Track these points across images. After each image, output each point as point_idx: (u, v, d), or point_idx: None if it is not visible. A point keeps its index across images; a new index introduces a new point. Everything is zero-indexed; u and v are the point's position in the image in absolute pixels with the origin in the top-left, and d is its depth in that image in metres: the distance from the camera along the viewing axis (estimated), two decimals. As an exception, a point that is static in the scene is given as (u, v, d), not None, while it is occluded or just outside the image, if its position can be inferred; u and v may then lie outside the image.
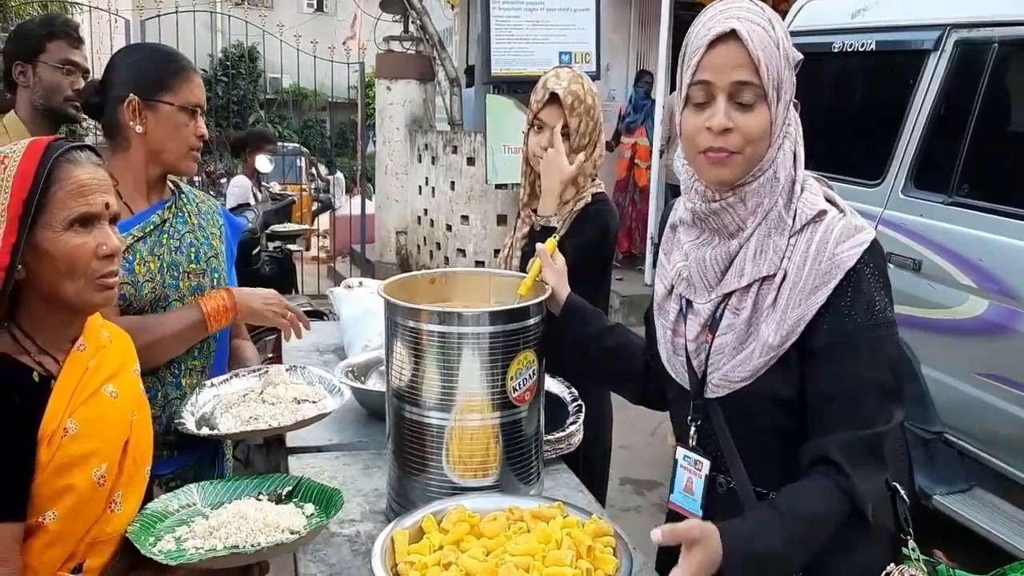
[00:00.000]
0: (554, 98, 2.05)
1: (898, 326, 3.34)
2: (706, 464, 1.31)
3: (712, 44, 1.18)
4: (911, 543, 1.30)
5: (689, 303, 1.32)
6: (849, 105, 3.89)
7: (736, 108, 1.18)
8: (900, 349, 1.22)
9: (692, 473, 1.33)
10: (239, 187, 5.48)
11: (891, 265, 3.22)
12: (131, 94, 1.69)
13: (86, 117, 2.05)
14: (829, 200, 1.25)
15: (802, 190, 1.24)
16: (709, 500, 1.32)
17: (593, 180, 2.11)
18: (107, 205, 1.27)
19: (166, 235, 1.76)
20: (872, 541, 1.29)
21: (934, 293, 3.08)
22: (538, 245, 1.64)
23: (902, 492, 1.34)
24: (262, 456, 3.47)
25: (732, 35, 1.16)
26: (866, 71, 3.72)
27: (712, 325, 1.27)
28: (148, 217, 1.74)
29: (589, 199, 2.07)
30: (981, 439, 3.01)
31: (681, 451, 1.35)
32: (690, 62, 1.21)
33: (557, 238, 1.66)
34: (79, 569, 1.26)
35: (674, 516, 1.37)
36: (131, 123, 1.69)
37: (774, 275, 1.21)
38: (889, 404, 1.19)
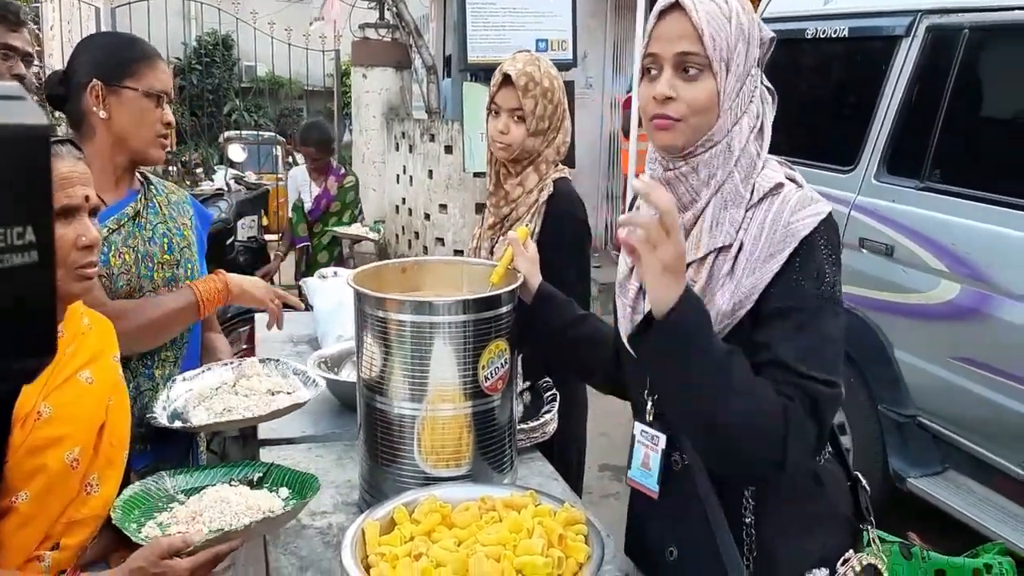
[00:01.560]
0: (508, 80, 2.02)
1: (872, 311, 3.35)
2: (663, 439, 1.30)
3: (660, 16, 1.22)
4: (871, 532, 1.31)
5: None
6: (822, 91, 3.90)
7: (681, 78, 1.21)
8: (843, 333, 1.20)
9: (649, 448, 1.33)
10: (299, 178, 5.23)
11: (863, 250, 3.26)
12: (94, 79, 1.67)
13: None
14: (790, 178, 1.26)
15: (763, 166, 1.25)
16: (665, 477, 1.32)
17: (556, 166, 2.09)
18: (87, 198, 1.32)
19: (139, 226, 1.74)
20: (832, 527, 1.29)
21: (907, 278, 3.11)
22: (510, 233, 1.63)
23: (863, 482, 1.35)
24: (238, 448, 3.44)
25: (677, 6, 1.20)
26: (839, 57, 3.74)
27: None
28: (122, 208, 1.73)
29: (552, 188, 2.04)
30: (954, 422, 3.05)
31: (639, 426, 1.35)
32: (646, 35, 1.26)
33: (529, 227, 1.65)
34: (56, 547, 1.28)
35: (637, 493, 1.37)
36: (95, 109, 1.67)
37: (730, 246, 1.21)
38: (839, 366, 1.19)
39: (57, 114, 1.95)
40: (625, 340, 1.36)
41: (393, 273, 1.66)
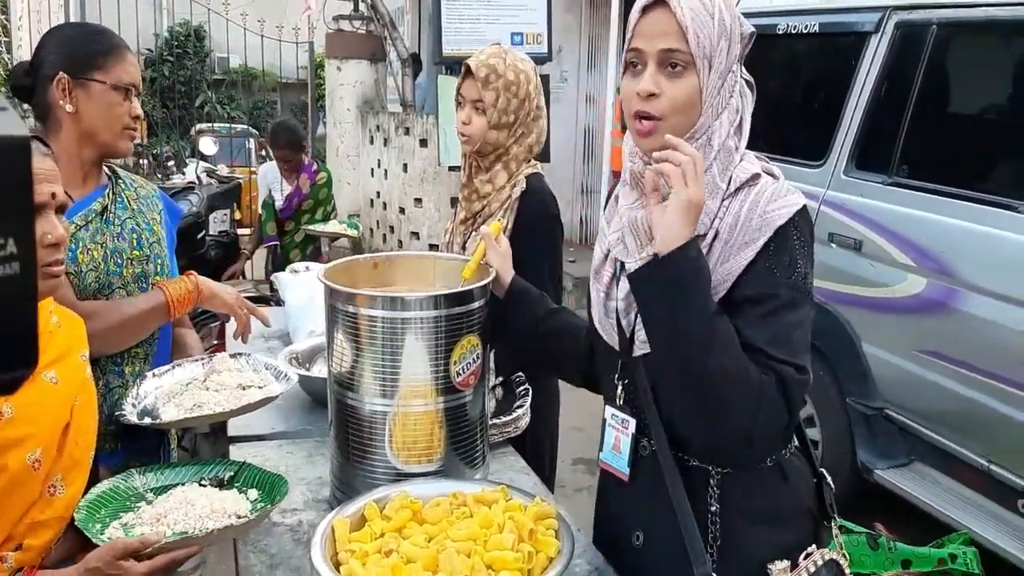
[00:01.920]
0: (470, 71, 2.01)
1: (841, 305, 3.38)
2: (632, 423, 1.33)
3: (644, 11, 1.23)
4: (835, 529, 1.33)
5: (623, 266, 1.33)
6: (793, 87, 3.94)
7: (665, 75, 1.22)
8: (810, 323, 1.23)
9: (620, 431, 1.35)
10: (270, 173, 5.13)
11: (833, 244, 3.30)
12: (61, 72, 1.64)
13: None
14: (767, 171, 1.28)
15: (740, 159, 1.27)
16: (633, 462, 1.34)
17: (528, 162, 2.09)
18: (53, 195, 1.29)
19: (107, 222, 1.72)
20: (795, 521, 1.31)
21: (874, 272, 3.15)
22: (482, 228, 1.63)
23: (828, 478, 1.37)
24: (209, 445, 3.41)
25: (661, 2, 1.20)
26: (809, 53, 3.77)
27: None
28: (89, 204, 1.70)
29: (524, 185, 2.04)
30: (921, 414, 3.09)
31: (609, 410, 1.37)
32: (629, 29, 1.25)
33: (501, 221, 1.65)
34: (19, 548, 1.26)
35: (605, 475, 1.40)
36: (61, 102, 1.64)
37: (705, 234, 1.23)
38: (807, 354, 1.22)
39: (24, 106, 1.91)
40: (598, 325, 1.37)
41: (364, 268, 1.65)
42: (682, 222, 1.15)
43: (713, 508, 1.27)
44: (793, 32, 3.69)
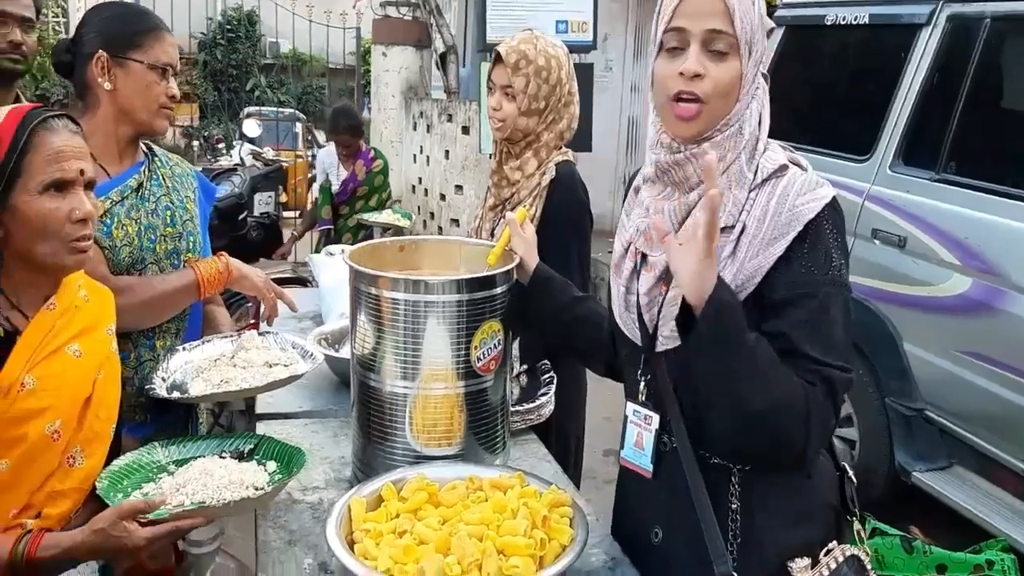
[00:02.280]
0: (500, 57, 2.00)
1: (882, 302, 3.32)
2: (655, 418, 1.31)
3: None
4: (856, 524, 1.30)
5: (644, 259, 1.31)
6: (840, 79, 3.85)
7: (708, 57, 1.19)
8: (850, 316, 1.21)
9: (642, 428, 1.33)
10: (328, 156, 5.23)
11: (876, 241, 3.23)
12: (100, 51, 1.67)
13: (26, 71, 2.01)
14: (793, 161, 1.25)
15: (765, 148, 1.25)
16: (656, 458, 1.32)
17: (559, 149, 2.07)
18: (82, 171, 1.32)
19: (142, 198, 1.75)
20: (817, 517, 1.29)
21: (918, 270, 3.08)
22: (508, 214, 1.62)
23: (850, 473, 1.35)
24: (244, 422, 3.48)
25: None
26: (858, 45, 3.68)
27: (666, 276, 1.27)
28: (125, 180, 1.73)
29: (554, 172, 2.02)
30: (962, 417, 3.02)
31: (631, 406, 1.35)
32: (666, 9, 1.21)
33: (527, 208, 1.64)
34: (39, 516, 1.30)
35: (627, 473, 1.38)
36: (100, 80, 1.68)
37: (732, 226, 1.21)
38: (850, 349, 1.20)
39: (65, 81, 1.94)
40: (619, 320, 1.36)
41: (391, 252, 1.66)
42: (711, 264, 1.12)
43: (734, 506, 1.25)
44: (842, 23, 3.60)
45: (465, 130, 6.61)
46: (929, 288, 3.04)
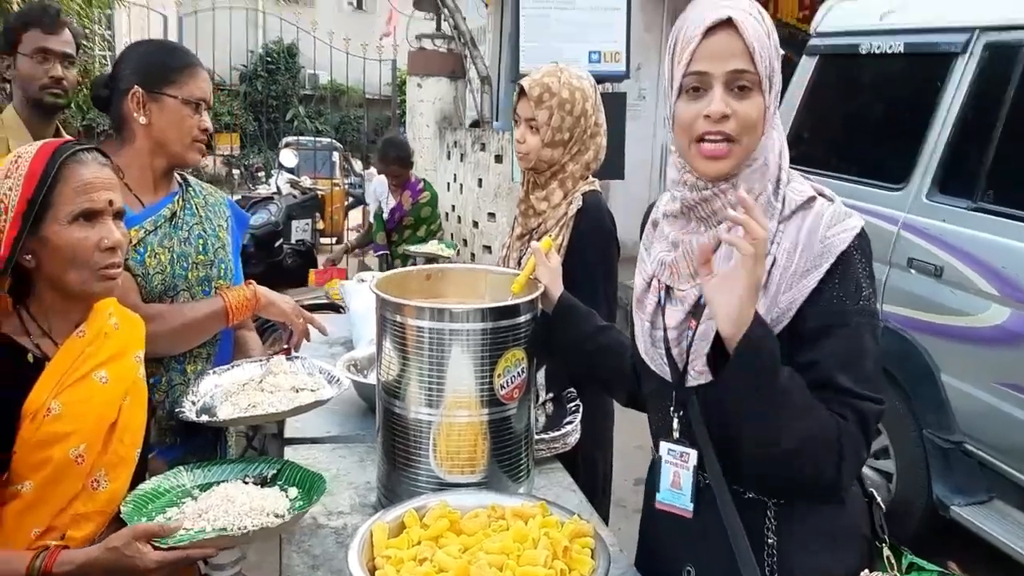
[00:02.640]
0: (524, 91, 2.02)
1: (918, 332, 3.27)
2: (692, 455, 1.28)
3: (707, 33, 1.18)
4: (886, 551, 1.28)
5: (668, 293, 1.31)
6: (875, 107, 3.82)
7: (732, 96, 1.19)
8: (881, 346, 1.20)
9: (679, 467, 1.30)
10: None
11: (912, 270, 3.18)
12: (136, 86, 1.72)
13: (66, 105, 2.05)
14: (819, 192, 1.25)
15: (788, 179, 1.24)
16: (694, 496, 1.29)
17: (585, 179, 2.08)
18: (111, 202, 1.37)
19: (176, 227, 1.79)
20: (850, 545, 1.28)
21: (955, 300, 3.02)
22: (533, 243, 1.63)
23: (878, 499, 1.33)
24: (277, 445, 3.51)
25: (727, 24, 1.17)
26: (893, 74, 3.65)
27: (696, 311, 1.26)
28: (159, 210, 1.78)
29: (581, 202, 2.03)
30: (1002, 450, 2.94)
31: (664, 445, 1.32)
32: (683, 52, 1.20)
33: (552, 237, 1.65)
34: (63, 539, 1.32)
35: (661, 516, 1.34)
36: (135, 115, 1.73)
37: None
38: (880, 379, 1.19)
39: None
40: (645, 356, 1.35)
41: (417, 280, 1.68)
42: (750, 301, 1.11)
43: (770, 540, 1.24)
44: (876, 52, 3.58)
45: (498, 159, 6.67)
46: (967, 318, 2.98)
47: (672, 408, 1.32)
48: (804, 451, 1.13)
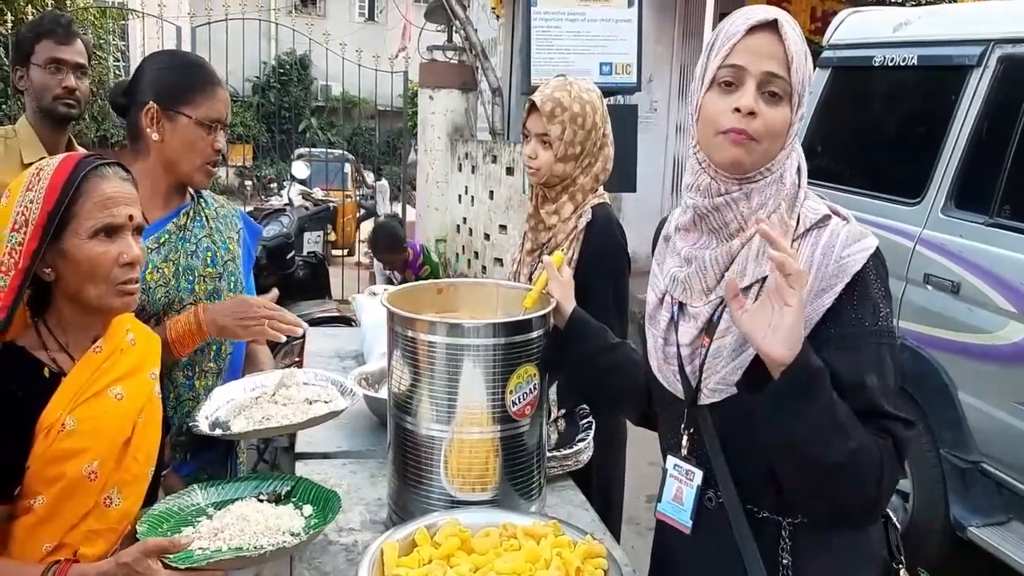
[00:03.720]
0: (535, 105, 2.02)
1: (935, 350, 3.23)
2: (698, 474, 1.28)
3: (751, 31, 1.18)
4: (903, 573, 1.26)
5: (681, 309, 1.29)
6: (889, 121, 3.80)
7: (763, 99, 1.18)
8: (900, 366, 1.19)
9: (683, 483, 1.30)
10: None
11: (928, 286, 3.15)
12: (151, 102, 1.71)
13: (79, 116, 2.02)
14: (833, 211, 1.24)
15: (805, 197, 1.24)
16: (697, 514, 1.29)
17: (594, 192, 2.07)
18: (131, 217, 1.37)
19: (183, 240, 1.78)
20: (866, 566, 1.26)
21: (973, 317, 2.98)
22: (545, 258, 1.62)
23: (894, 519, 1.31)
24: (288, 459, 3.51)
25: (772, 27, 1.18)
26: (907, 86, 3.63)
27: (709, 328, 1.25)
28: (162, 227, 1.75)
29: (590, 215, 2.02)
30: (1020, 470, 2.89)
31: (672, 460, 1.32)
32: (723, 46, 1.20)
33: (563, 252, 1.64)
34: (75, 555, 1.31)
35: (667, 529, 1.34)
36: (148, 130, 1.72)
37: None
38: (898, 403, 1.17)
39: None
40: (657, 373, 1.33)
41: (428, 294, 1.67)
42: (799, 330, 1.10)
43: (785, 560, 1.22)
44: (890, 65, 3.56)
45: (509, 171, 6.67)
46: (984, 336, 2.94)
47: (683, 425, 1.30)
48: (851, 467, 1.11)
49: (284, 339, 1.83)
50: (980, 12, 3.32)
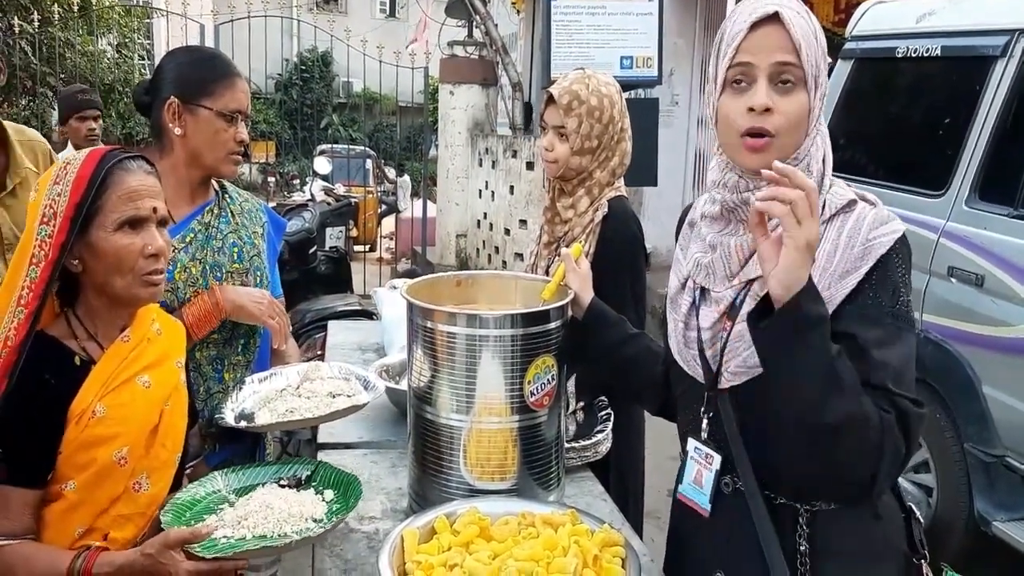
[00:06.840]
0: (553, 98, 2.02)
1: (959, 343, 3.22)
2: (717, 459, 1.29)
3: (754, 27, 1.18)
4: (925, 567, 1.25)
5: (704, 294, 1.30)
6: (913, 112, 3.76)
7: (776, 91, 1.18)
8: (915, 359, 1.18)
9: (703, 466, 1.31)
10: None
11: (952, 279, 3.12)
12: (172, 97, 1.74)
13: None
14: (860, 196, 1.24)
15: (831, 184, 1.24)
16: (715, 499, 1.30)
17: (611, 185, 2.07)
18: (155, 209, 1.40)
19: (209, 237, 1.81)
20: (886, 560, 1.26)
21: (997, 310, 2.95)
22: (563, 250, 1.63)
23: (917, 514, 1.30)
24: (311, 450, 3.54)
25: (774, 18, 1.17)
26: (931, 77, 3.59)
27: (732, 312, 1.25)
28: (188, 225, 1.78)
29: (606, 208, 2.02)
30: (1046, 464, 2.87)
31: (692, 443, 1.33)
32: (729, 46, 1.20)
33: (582, 244, 1.65)
34: (105, 539, 1.35)
35: (683, 515, 1.36)
36: (170, 125, 1.74)
37: None
38: (914, 384, 1.16)
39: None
40: (678, 357, 1.34)
41: (447, 286, 1.68)
42: (801, 262, 1.08)
43: (802, 548, 1.22)
44: (913, 56, 3.53)
45: (529, 166, 6.68)
46: (1009, 328, 2.91)
47: (703, 409, 1.31)
48: (845, 430, 1.09)
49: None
50: (1004, 2, 3.27)
